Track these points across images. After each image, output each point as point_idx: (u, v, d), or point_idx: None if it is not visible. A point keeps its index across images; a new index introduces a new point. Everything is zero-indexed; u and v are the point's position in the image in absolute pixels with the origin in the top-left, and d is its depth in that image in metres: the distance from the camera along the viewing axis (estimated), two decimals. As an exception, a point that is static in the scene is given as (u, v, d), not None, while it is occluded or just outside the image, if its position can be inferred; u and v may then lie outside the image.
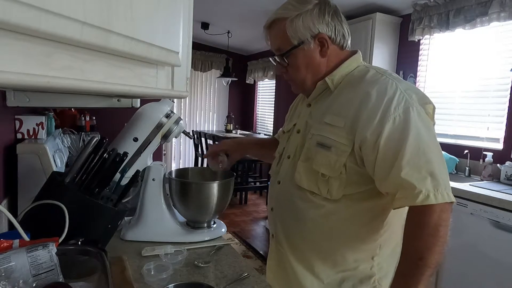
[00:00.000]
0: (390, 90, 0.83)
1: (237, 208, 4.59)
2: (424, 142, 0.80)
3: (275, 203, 1.04)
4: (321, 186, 0.91)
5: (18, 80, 0.31)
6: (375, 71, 0.91)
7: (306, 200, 0.94)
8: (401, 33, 3.17)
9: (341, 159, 0.87)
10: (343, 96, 0.91)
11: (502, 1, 2.30)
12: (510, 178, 2.28)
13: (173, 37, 0.54)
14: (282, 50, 0.93)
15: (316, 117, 0.96)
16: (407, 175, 0.78)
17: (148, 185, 1.15)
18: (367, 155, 0.84)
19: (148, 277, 0.89)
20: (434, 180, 0.78)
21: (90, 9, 0.35)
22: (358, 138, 0.84)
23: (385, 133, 0.81)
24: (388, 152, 0.81)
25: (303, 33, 0.90)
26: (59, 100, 1.26)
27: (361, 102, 0.85)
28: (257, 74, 5.61)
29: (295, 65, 0.94)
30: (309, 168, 0.92)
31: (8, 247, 0.66)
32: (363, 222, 0.91)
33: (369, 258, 0.93)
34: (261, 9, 3.68)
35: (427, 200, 0.77)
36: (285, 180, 1.00)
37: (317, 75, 0.95)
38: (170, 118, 1.17)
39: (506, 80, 2.44)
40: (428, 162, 0.79)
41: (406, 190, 0.79)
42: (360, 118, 0.84)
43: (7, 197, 1.19)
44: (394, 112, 0.81)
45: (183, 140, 5.92)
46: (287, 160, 1.01)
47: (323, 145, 0.90)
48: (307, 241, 0.96)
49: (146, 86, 0.53)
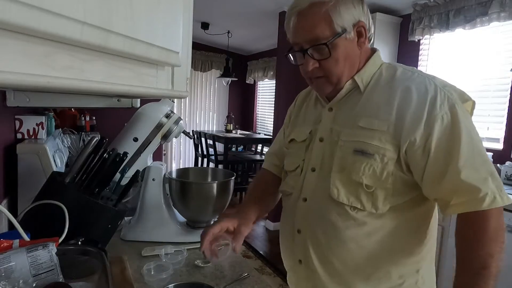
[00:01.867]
0: (430, 88, 0.77)
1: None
2: (476, 140, 0.76)
3: (303, 224, 0.90)
4: (364, 200, 0.81)
5: (18, 80, 0.31)
6: (402, 68, 0.85)
7: (346, 217, 0.83)
8: (401, 33, 3.17)
9: (388, 167, 0.79)
10: (378, 97, 0.83)
11: (502, 1, 2.30)
12: (510, 178, 2.28)
13: (173, 37, 0.54)
14: (322, 39, 0.79)
15: (344, 122, 0.86)
16: (468, 178, 0.72)
17: (148, 185, 1.15)
18: (416, 160, 0.77)
19: (148, 277, 0.89)
20: (495, 181, 0.73)
21: (90, 9, 0.35)
22: (404, 142, 0.77)
23: (435, 134, 0.75)
24: (440, 154, 0.75)
25: (347, 18, 0.80)
26: (59, 100, 1.26)
27: (402, 103, 0.78)
28: (257, 74, 5.61)
29: (336, 56, 0.81)
30: (348, 179, 0.82)
31: (8, 247, 0.66)
32: (408, 233, 0.84)
33: (414, 272, 0.86)
34: (261, 9, 3.69)
35: (494, 203, 0.71)
36: (314, 196, 0.88)
37: (353, 70, 0.86)
38: (170, 118, 1.17)
39: (506, 80, 2.44)
40: (485, 162, 0.75)
41: (469, 193, 0.73)
42: (405, 120, 0.77)
43: (7, 197, 1.19)
44: (440, 110, 0.75)
45: (183, 140, 5.92)
46: (311, 173, 0.89)
47: (363, 152, 0.80)
48: (348, 263, 0.85)
49: (146, 86, 0.53)
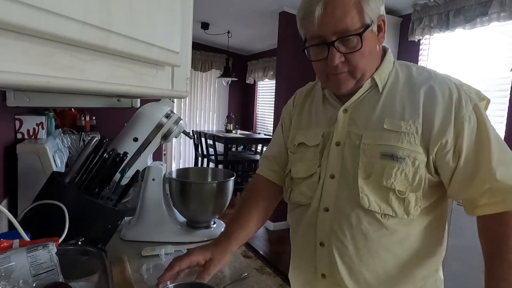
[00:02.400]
0: (452, 88, 0.76)
1: (237, 208, 4.58)
2: (500, 139, 0.75)
3: (327, 236, 0.84)
4: (395, 206, 0.78)
5: (18, 80, 0.31)
6: (415, 67, 0.83)
7: (378, 225, 0.79)
8: (401, 33, 3.17)
9: (420, 170, 0.76)
10: (400, 97, 0.79)
11: (502, 1, 2.30)
12: (510, 178, 2.28)
13: (173, 37, 0.54)
14: (352, 31, 0.73)
15: (365, 124, 0.81)
16: (503, 177, 0.72)
17: (148, 185, 1.15)
18: (446, 162, 0.76)
19: (147, 277, 0.89)
20: None
21: (90, 9, 0.35)
22: (434, 144, 0.75)
23: (465, 134, 0.74)
24: (471, 155, 0.74)
25: (374, 10, 0.75)
26: (59, 100, 1.26)
27: (428, 103, 0.76)
28: (257, 74, 5.61)
29: (363, 50, 0.75)
30: (377, 185, 0.78)
31: (8, 247, 0.66)
32: (431, 235, 0.83)
33: (434, 272, 0.88)
34: (261, 9, 3.68)
35: None
36: (338, 205, 0.82)
37: (374, 67, 0.81)
38: (170, 118, 1.17)
39: (506, 80, 2.44)
40: None
41: (505, 193, 0.73)
42: (434, 121, 0.75)
43: (7, 197, 1.19)
44: (466, 110, 0.74)
45: (183, 140, 5.92)
46: (330, 180, 0.83)
47: (393, 156, 0.76)
48: (379, 273, 0.81)
49: (146, 86, 0.53)
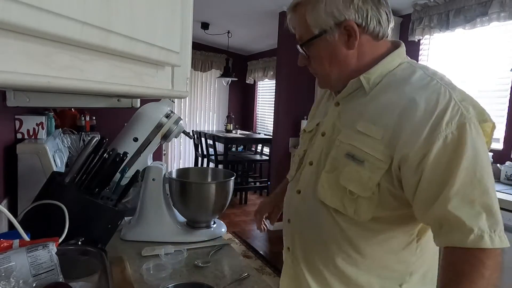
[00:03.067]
0: (442, 100, 0.69)
1: (237, 208, 4.59)
2: (481, 167, 0.66)
3: (293, 215, 0.90)
4: (347, 205, 0.77)
5: (18, 80, 0.31)
6: (422, 72, 0.77)
7: (330, 218, 0.81)
8: (401, 33, 3.17)
9: (375, 176, 0.73)
10: (382, 100, 0.76)
11: (502, 1, 2.30)
12: (510, 178, 2.28)
13: (173, 37, 0.54)
14: (303, 40, 0.80)
15: (346, 121, 0.82)
16: (455, 209, 0.65)
17: (148, 185, 1.15)
18: (407, 178, 0.70)
19: (147, 276, 0.89)
20: (491, 218, 0.64)
21: (90, 9, 0.35)
22: (397, 155, 0.70)
23: (432, 153, 0.67)
24: (434, 177, 0.67)
25: (326, 20, 0.76)
26: (59, 100, 1.26)
27: (405, 111, 0.71)
28: (257, 74, 5.61)
29: (317, 57, 0.81)
30: (335, 182, 0.79)
31: (8, 247, 0.66)
32: (394, 249, 0.79)
33: (396, 286, 0.82)
34: (261, 9, 3.68)
35: (481, 242, 0.63)
36: (306, 191, 0.86)
37: (344, 70, 0.81)
38: (170, 118, 1.17)
39: (506, 80, 2.44)
40: (485, 193, 0.65)
41: (454, 227, 0.65)
42: (403, 131, 0.70)
43: (7, 197, 1.19)
44: (446, 128, 0.66)
45: (183, 140, 5.92)
46: (309, 166, 0.87)
47: (354, 157, 0.76)
48: (328, 263, 0.83)
49: (146, 86, 0.53)
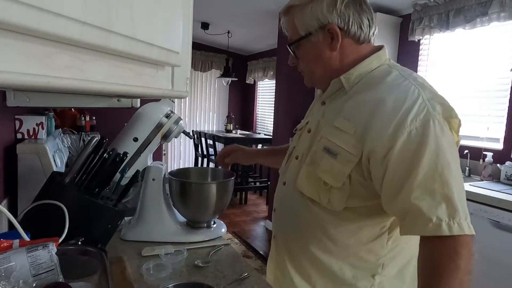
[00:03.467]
0: (410, 98, 0.74)
1: (237, 208, 4.59)
2: (443, 161, 0.70)
3: (278, 204, 0.99)
4: (322, 195, 0.83)
5: (18, 80, 0.31)
6: (398, 73, 0.81)
7: (306, 207, 0.87)
8: (401, 33, 3.17)
9: (345, 169, 0.78)
10: (358, 99, 0.82)
11: (502, 1, 2.30)
12: (510, 178, 2.28)
13: (173, 37, 0.54)
14: (291, 41, 0.88)
15: (328, 118, 0.88)
16: (417, 199, 0.69)
17: (148, 185, 1.15)
18: (375, 170, 0.75)
19: (147, 276, 0.89)
20: (450, 207, 0.69)
21: (90, 9, 0.35)
22: (367, 149, 0.75)
23: (396, 147, 0.71)
24: (398, 170, 0.72)
25: (311, 23, 0.83)
26: (59, 100, 1.26)
27: (375, 108, 0.76)
28: (257, 74, 5.61)
29: (304, 57, 0.89)
30: (312, 173, 0.85)
31: (8, 247, 0.66)
32: (364, 239, 0.83)
33: (369, 276, 0.86)
34: (261, 9, 3.68)
35: (439, 230, 0.68)
36: (290, 182, 0.93)
37: (328, 69, 0.87)
38: (170, 118, 1.17)
39: (506, 80, 2.44)
40: (445, 185, 0.69)
41: (415, 216, 0.70)
42: (372, 127, 0.75)
43: (7, 197, 1.19)
44: (410, 124, 0.71)
45: (183, 140, 5.92)
46: (295, 160, 0.94)
47: (329, 151, 0.82)
48: (305, 251, 0.89)
49: (146, 86, 0.53)
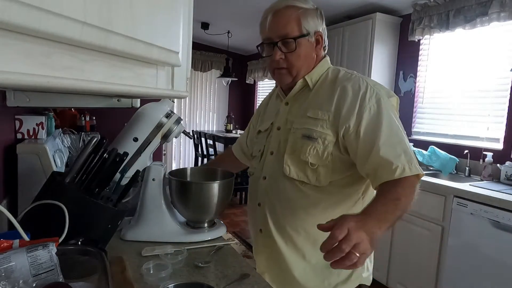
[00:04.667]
0: (362, 86, 0.97)
1: (237, 208, 4.59)
2: (395, 125, 0.94)
3: (263, 198, 1.09)
4: (310, 175, 1.00)
5: (18, 80, 0.31)
6: (344, 71, 1.05)
7: (296, 190, 1.02)
8: (401, 33, 3.17)
9: (328, 148, 0.97)
10: (322, 93, 1.02)
11: (502, 1, 2.30)
12: (510, 178, 2.28)
13: (173, 37, 0.54)
14: (291, 35, 0.99)
15: (297, 113, 1.05)
16: (385, 154, 0.90)
17: (148, 185, 1.15)
18: (350, 142, 0.95)
19: (147, 276, 0.89)
20: (407, 156, 0.90)
21: (90, 9, 0.35)
22: (341, 128, 0.96)
23: (364, 121, 0.93)
24: (367, 137, 0.93)
25: (311, 25, 1.00)
26: (59, 100, 1.26)
27: (340, 97, 0.97)
28: (257, 74, 5.61)
29: (298, 53, 1.00)
30: (297, 159, 1.00)
31: (8, 247, 0.66)
32: (346, 206, 1.02)
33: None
34: (261, 9, 3.67)
35: (404, 173, 0.88)
36: (272, 174, 1.07)
37: (308, 69, 1.05)
38: (170, 118, 1.17)
39: (506, 80, 2.44)
40: (400, 141, 0.92)
41: (385, 167, 0.89)
42: (341, 111, 0.96)
43: (7, 197, 1.19)
44: (368, 102, 0.94)
45: (183, 140, 5.92)
46: (270, 156, 1.08)
47: (309, 137, 0.99)
48: (299, 229, 1.03)
49: (146, 86, 0.53)
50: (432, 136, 2.97)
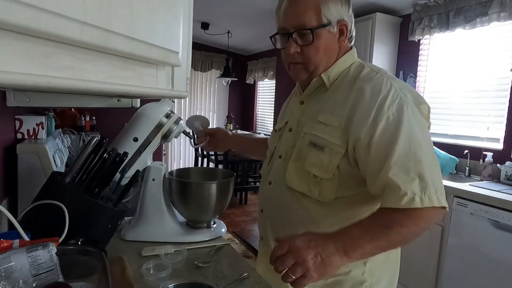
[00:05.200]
0: (384, 88, 0.81)
1: (237, 208, 4.59)
2: (415, 142, 0.77)
3: (265, 204, 1.01)
4: (312, 188, 0.87)
5: (18, 80, 0.31)
6: (370, 69, 0.89)
7: (297, 202, 0.90)
8: (401, 33, 3.17)
9: (334, 160, 0.84)
10: (338, 95, 0.88)
11: (502, 1, 2.30)
12: (510, 178, 2.28)
13: (173, 37, 0.54)
14: (308, 26, 0.85)
15: (309, 115, 0.92)
16: (394, 176, 0.75)
17: (148, 185, 1.15)
18: (360, 156, 0.81)
19: (147, 276, 0.89)
20: (422, 182, 0.74)
21: (90, 9, 0.35)
22: (352, 139, 0.81)
23: (377, 132, 0.78)
24: (379, 151, 0.78)
25: (333, 14, 0.86)
26: (59, 100, 1.26)
27: (355, 101, 0.83)
28: (257, 74, 5.61)
29: (317, 45, 0.87)
30: (301, 168, 0.89)
31: (8, 247, 0.66)
32: None
33: (361, 264, 0.89)
34: (261, 9, 3.68)
35: (412, 203, 0.73)
36: (276, 180, 0.97)
37: (329, 63, 0.91)
38: (170, 118, 1.17)
39: (506, 80, 2.44)
40: (418, 163, 0.76)
41: (392, 191, 0.76)
42: (354, 117, 0.81)
43: (7, 197, 1.19)
44: (387, 110, 0.79)
45: (183, 140, 5.92)
46: (278, 159, 0.98)
47: (315, 145, 0.87)
48: None
49: (146, 86, 0.53)
50: (432, 136, 2.95)
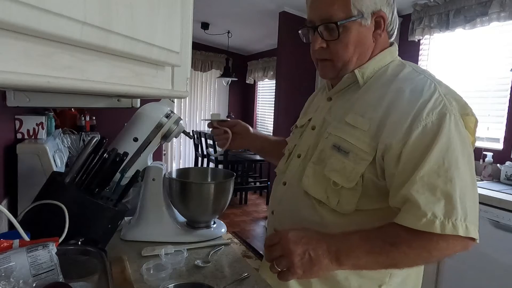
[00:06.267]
0: (426, 92, 0.71)
1: (237, 208, 4.59)
2: (451, 157, 0.67)
3: (277, 206, 0.92)
4: (330, 196, 0.77)
5: (18, 80, 0.31)
6: (412, 68, 0.80)
7: (312, 209, 0.81)
8: (401, 33, 3.17)
9: (358, 168, 0.74)
10: (371, 94, 0.78)
11: (502, 1, 2.30)
12: (510, 178, 2.28)
13: (173, 37, 0.54)
14: (335, 19, 0.76)
15: (336, 114, 0.82)
16: (416, 192, 0.66)
17: (148, 185, 1.15)
18: (389, 166, 0.71)
19: (147, 276, 0.89)
20: (448, 205, 0.65)
21: (90, 9, 0.35)
22: (381, 146, 0.71)
23: (411, 141, 0.68)
24: (408, 163, 0.68)
25: (367, 4, 0.76)
26: (59, 100, 1.26)
27: (391, 103, 0.73)
28: (257, 74, 5.61)
29: (345, 40, 0.77)
30: (320, 172, 0.79)
31: (8, 247, 0.66)
32: None
33: (376, 286, 0.81)
34: (261, 9, 3.68)
35: (430, 227, 0.64)
36: (292, 182, 0.87)
37: (362, 60, 0.81)
38: (170, 118, 1.17)
39: (506, 80, 2.44)
40: (449, 182, 0.66)
41: (411, 208, 0.67)
42: (387, 122, 0.71)
43: (7, 197, 1.19)
44: (426, 117, 0.68)
45: (183, 140, 5.92)
46: (296, 159, 0.88)
47: (340, 148, 0.77)
48: None
49: (146, 86, 0.53)
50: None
